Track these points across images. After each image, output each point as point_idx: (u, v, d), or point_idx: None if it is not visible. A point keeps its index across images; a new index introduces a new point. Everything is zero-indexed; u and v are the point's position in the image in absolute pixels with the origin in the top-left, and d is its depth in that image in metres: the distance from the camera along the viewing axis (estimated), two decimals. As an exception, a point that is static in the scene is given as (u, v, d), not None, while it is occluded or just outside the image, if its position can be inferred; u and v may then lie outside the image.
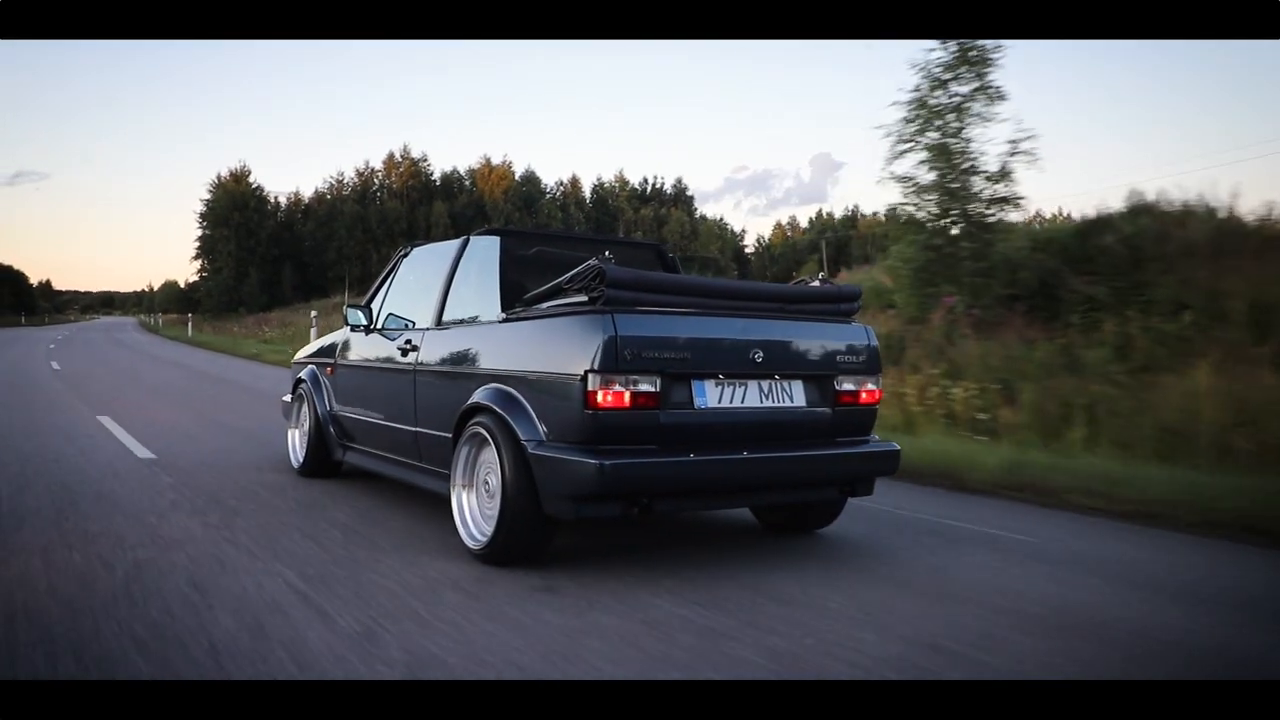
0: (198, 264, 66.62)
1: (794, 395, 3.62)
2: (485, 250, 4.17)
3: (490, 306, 3.90)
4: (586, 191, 76.78)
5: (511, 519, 3.36)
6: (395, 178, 70.28)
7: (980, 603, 3.14)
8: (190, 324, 45.85)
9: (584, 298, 3.32)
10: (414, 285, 4.74)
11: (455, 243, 4.44)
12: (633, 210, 74.56)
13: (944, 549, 3.95)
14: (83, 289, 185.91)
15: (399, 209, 66.29)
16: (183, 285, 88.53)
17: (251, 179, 64.78)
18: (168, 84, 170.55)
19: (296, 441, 5.66)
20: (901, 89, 11.36)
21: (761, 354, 3.49)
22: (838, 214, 79.52)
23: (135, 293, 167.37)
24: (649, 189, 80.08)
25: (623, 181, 78.97)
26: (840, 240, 66.81)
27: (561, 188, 75.28)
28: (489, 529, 3.52)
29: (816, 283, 3.92)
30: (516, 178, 71.77)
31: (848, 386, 3.72)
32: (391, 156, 71.61)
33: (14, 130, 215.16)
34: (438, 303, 4.31)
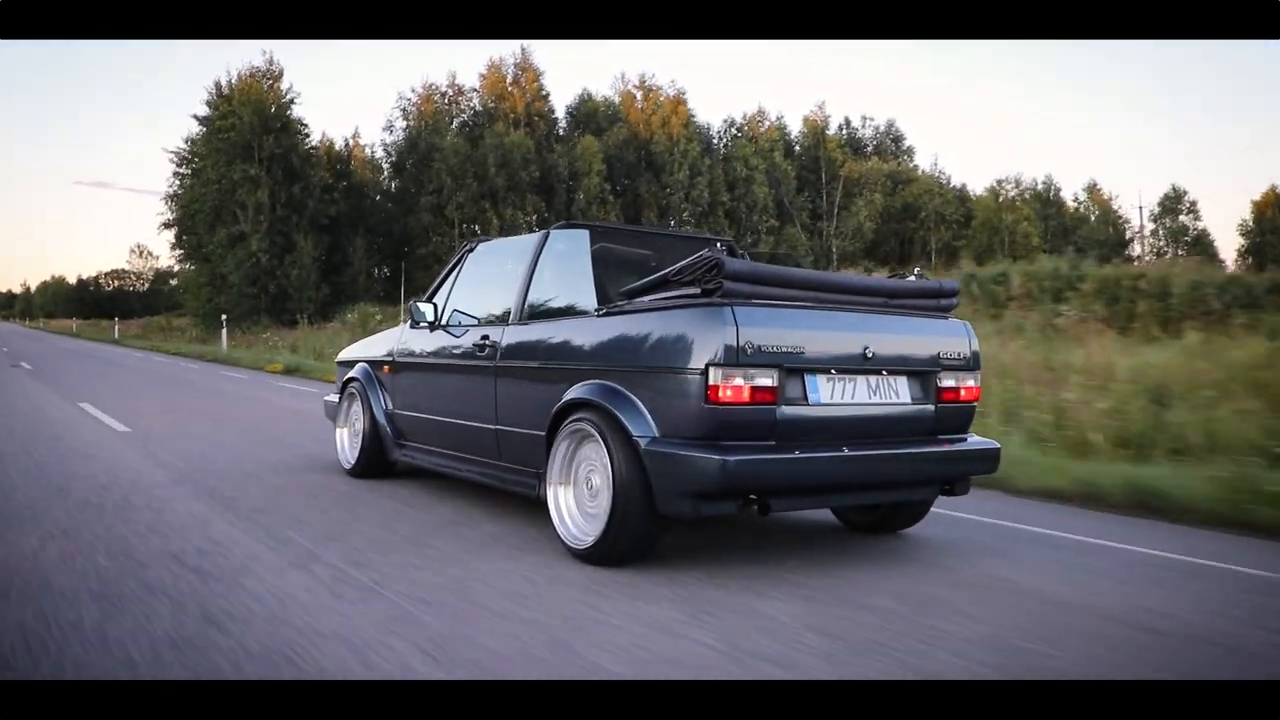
0: (170, 235, 38.91)
1: (900, 391, 3.62)
2: (572, 244, 4.16)
3: (584, 301, 3.88)
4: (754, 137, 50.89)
5: (623, 518, 3.32)
6: (515, 100, 44.27)
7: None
8: (115, 328, 36.49)
9: (695, 290, 3.29)
10: (484, 281, 4.70)
11: (532, 238, 4.43)
12: (852, 163, 52.15)
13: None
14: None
15: (525, 145, 41.41)
16: (85, 276, 65.35)
17: (286, 86, 36.02)
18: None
19: (346, 442, 5.63)
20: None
21: (872, 349, 3.49)
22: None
23: (2, 294, 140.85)
24: (848, 135, 56.83)
25: (819, 125, 53.56)
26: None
27: (732, 129, 51.16)
28: (592, 528, 3.49)
29: (913, 277, 3.93)
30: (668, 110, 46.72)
31: (949, 383, 3.73)
32: (495, 69, 44.74)
33: None
34: (518, 298, 4.27)
